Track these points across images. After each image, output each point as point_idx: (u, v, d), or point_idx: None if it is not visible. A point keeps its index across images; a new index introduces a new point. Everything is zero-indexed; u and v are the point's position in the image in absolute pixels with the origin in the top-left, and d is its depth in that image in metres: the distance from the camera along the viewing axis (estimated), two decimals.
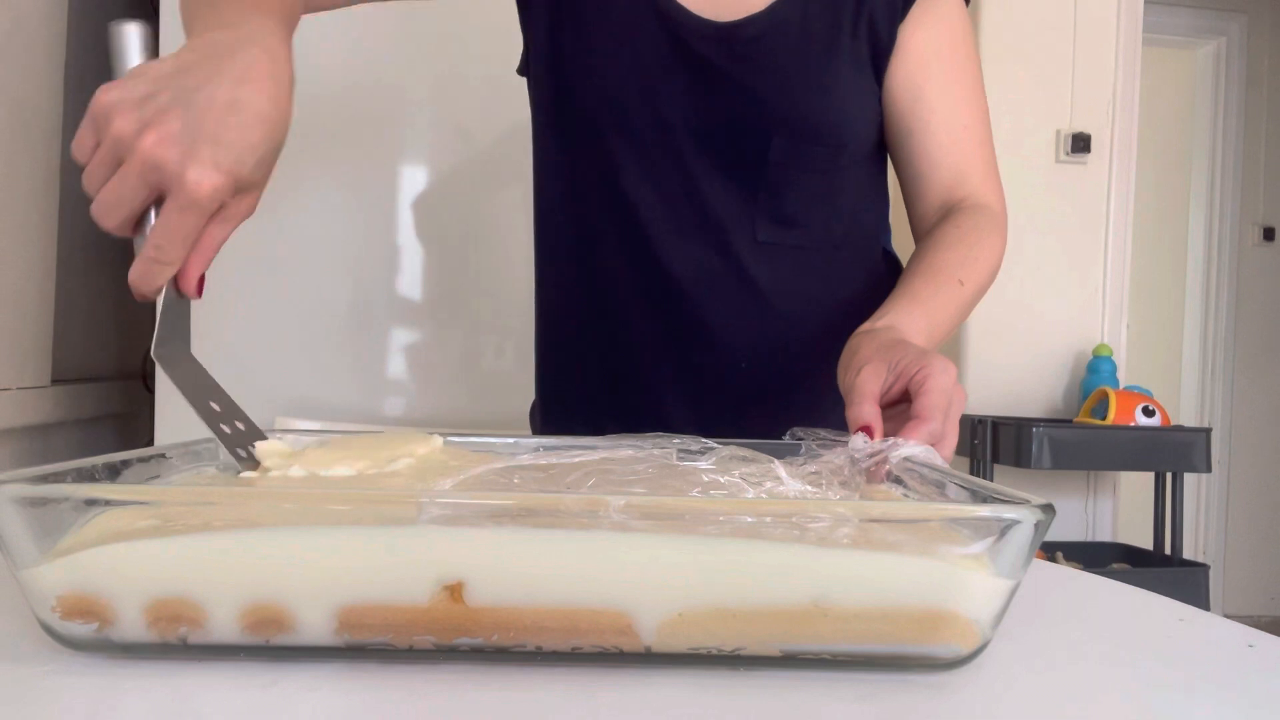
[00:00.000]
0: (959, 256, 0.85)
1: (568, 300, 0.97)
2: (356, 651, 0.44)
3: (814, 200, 0.91)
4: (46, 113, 1.35)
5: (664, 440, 0.61)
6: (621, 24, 0.89)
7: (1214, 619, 0.57)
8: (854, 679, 0.44)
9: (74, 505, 0.43)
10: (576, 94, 0.91)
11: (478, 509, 0.43)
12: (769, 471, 0.55)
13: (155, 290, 0.58)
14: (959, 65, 0.92)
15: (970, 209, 0.89)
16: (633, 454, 0.60)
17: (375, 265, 1.53)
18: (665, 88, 0.88)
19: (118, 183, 0.54)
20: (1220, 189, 3.92)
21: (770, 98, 0.87)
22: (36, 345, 1.35)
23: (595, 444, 0.65)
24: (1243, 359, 3.92)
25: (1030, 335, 2.67)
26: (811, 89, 0.88)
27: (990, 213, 0.90)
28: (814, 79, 0.88)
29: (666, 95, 0.88)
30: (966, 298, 0.84)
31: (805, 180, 0.90)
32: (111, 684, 0.41)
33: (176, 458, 0.59)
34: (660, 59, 0.88)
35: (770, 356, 0.92)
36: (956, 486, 0.53)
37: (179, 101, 0.55)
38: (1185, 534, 2.82)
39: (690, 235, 0.90)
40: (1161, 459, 2.53)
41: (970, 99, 0.92)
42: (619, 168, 0.90)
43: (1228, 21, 3.87)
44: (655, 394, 0.93)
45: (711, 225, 0.89)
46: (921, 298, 0.80)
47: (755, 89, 0.87)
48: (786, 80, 0.88)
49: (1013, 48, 2.62)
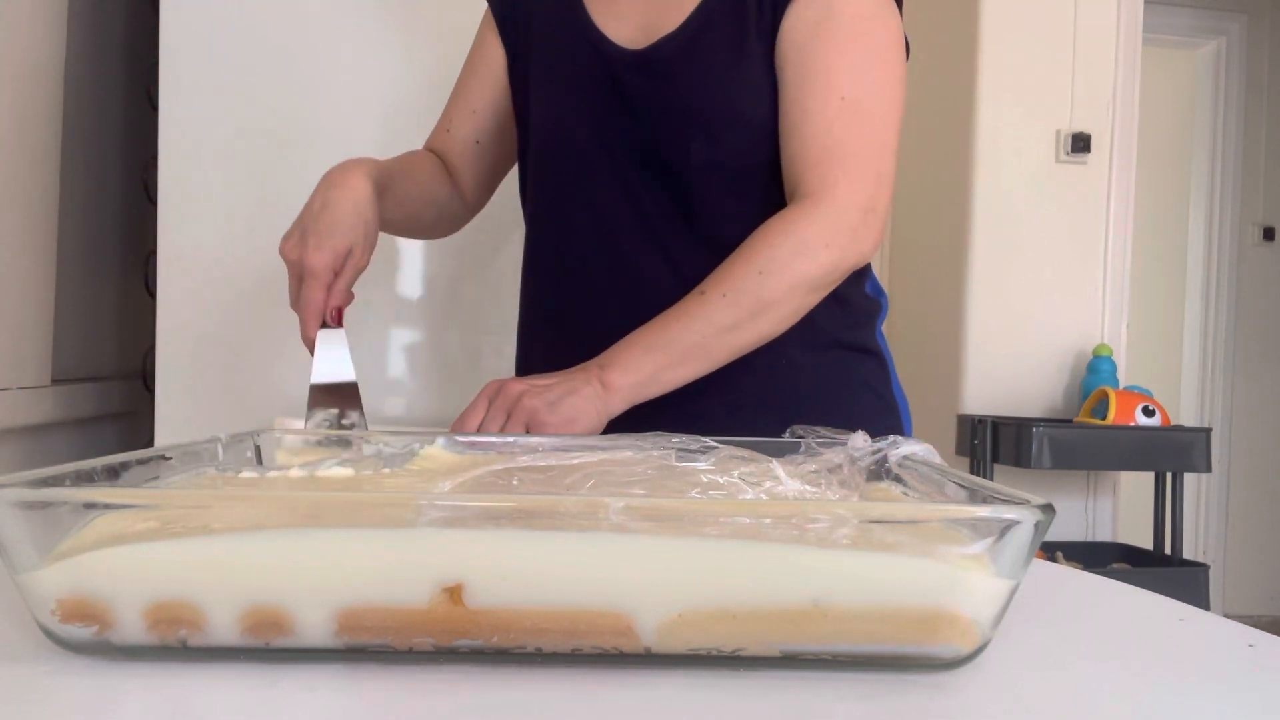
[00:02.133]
0: (724, 271, 0.87)
1: (541, 312, 1.05)
2: (356, 654, 0.44)
3: (742, 197, 0.95)
4: (46, 113, 1.35)
5: (663, 439, 0.61)
6: (565, 58, 1.00)
7: (1214, 619, 0.57)
8: (854, 679, 0.44)
9: (73, 508, 0.43)
10: (534, 120, 1.02)
11: (477, 511, 0.43)
12: (768, 471, 0.55)
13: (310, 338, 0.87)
14: (828, 41, 0.90)
15: (781, 213, 0.89)
16: (632, 455, 0.60)
17: (375, 265, 1.52)
18: (602, 112, 0.97)
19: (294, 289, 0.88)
20: (1220, 189, 3.91)
21: (683, 108, 0.94)
22: (36, 345, 1.35)
23: (595, 444, 0.65)
24: (1243, 359, 3.92)
25: (1030, 335, 2.67)
26: (719, 92, 0.93)
27: (799, 207, 0.88)
28: (722, 83, 0.93)
29: (603, 118, 0.97)
30: (711, 308, 0.85)
31: (731, 181, 0.94)
32: (111, 687, 0.41)
33: (176, 458, 0.59)
34: (596, 86, 0.97)
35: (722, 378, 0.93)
36: (956, 486, 0.53)
37: (298, 223, 0.89)
38: (1185, 534, 2.82)
39: (637, 244, 0.97)
40: (1161, 459, 2.53)
41: (832, 78, 0.89)
42: (571, 185, 0.99)
43: (1228, 21, 3.87)
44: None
45: (654, 233, 0.96)
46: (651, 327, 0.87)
47: (669, 103, 0.95)
48: (695, 89, 0.94)
49: (1013, 48, 2.62)
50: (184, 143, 1.45)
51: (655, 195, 0.96)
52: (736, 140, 0.94)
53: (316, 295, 0.85)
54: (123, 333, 1.70)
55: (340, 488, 0.57)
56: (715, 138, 0.93)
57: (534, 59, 1.03)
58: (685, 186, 0.95)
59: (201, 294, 1.46)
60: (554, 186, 1.02)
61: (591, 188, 0.98)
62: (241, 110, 1.46)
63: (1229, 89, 3.90)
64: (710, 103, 0.93)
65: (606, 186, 0.98)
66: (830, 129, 0.89)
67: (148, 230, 1.53)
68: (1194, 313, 3.99)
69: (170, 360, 1.45)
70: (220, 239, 1.47)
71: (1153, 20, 3.21)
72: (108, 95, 1.61)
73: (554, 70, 1.01)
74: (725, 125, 0.93)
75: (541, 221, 1.04)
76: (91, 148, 1.55)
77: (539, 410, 0.79)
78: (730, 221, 0.94)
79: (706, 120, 0.93)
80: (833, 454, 0.60)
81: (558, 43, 1.01)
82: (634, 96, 0.96)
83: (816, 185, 0.88)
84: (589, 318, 0.99)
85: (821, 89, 0.90)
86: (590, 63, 0.98)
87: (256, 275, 1.49)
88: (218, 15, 1.46)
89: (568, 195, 1.01)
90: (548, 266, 1.04)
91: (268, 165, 1.47)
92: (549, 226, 1.04)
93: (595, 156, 0.98)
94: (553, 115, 1.01)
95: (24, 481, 0.43)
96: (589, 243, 0.99)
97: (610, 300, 0.98)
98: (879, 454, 0.60)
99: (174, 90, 1.45)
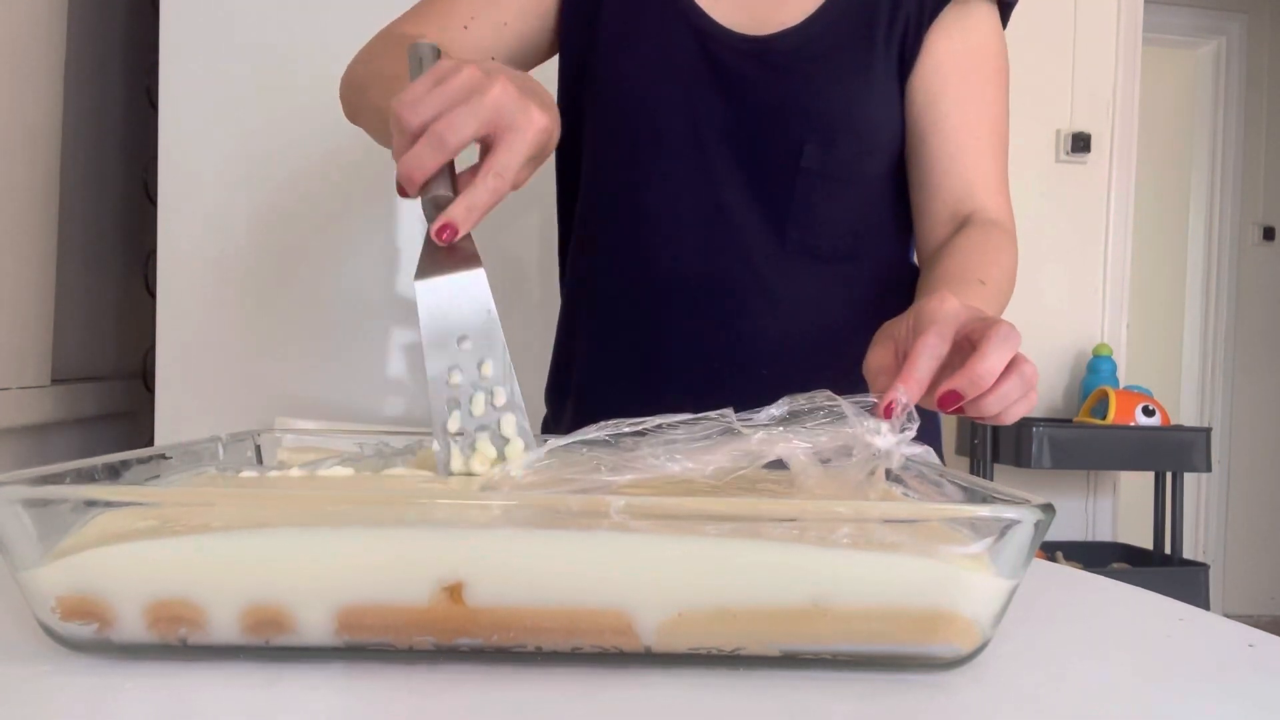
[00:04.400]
0: (978, 260, 0.84)
1: (602, 305, 0.97)
2: (356, 652, 0.44)
3: (842, 210, 0.92)
4: (46, 113, 1.35)
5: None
6: (656, 38, 0.91)
7: (1214, 619, 0.57)
8: (854, 679, 0.44)
9: (74, 506, 0.43)
10: (609, 105, 0.92)
11: (477, 510, 0.43)
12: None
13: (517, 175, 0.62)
14: (981, 76, 0.92)
15: (981, 224, 0.89)
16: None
17: (375, 265, 1.53)
18: (699, 100, 0.89)
19: (460, 114, 0.59)
20: (1220, 189, 3.91)
21: (803, 107, 0.89)
22: (36, 345, 1.35)
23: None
24: (1243, 359, 3.92)
25: (1030, 335, 2.64)
26: (843, 97, 0.89)
27: (1001, 228, 0.89)
28: (846, 89, 0.90)
29: (700, 108, 0.89)
30: (988, 299, 0.82)
31: (834, 189, 0.91)
32: (111, 685, 0.41)
33: (176, 458, 0.59)
34: (694, 72, 0.89)
35: (792, 364, 0.91)
36: (956, 486, 0.53)
37: (509, 75, 0.61)
38: (1185, 534, 2.82)
39: (715, 245, 0.90)
40: (1161, 458, 2.53)
41: (988, 111, 0.92)
42: (646, 179, 0.91)
43: (1228, 21, 3.87)
44: (678, 402, 0.90)
45: (735, 236, 0.90)
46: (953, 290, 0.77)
47: (788, 99, 0.89)
48: (819, 90, 0.89)
49: (1013, 48, 2.60)
50: (184, 143, 1.45)
51: (747, 197, 0.90)
52: (850, 148, 0.90)
53: (524, 153, 0.60)
54: (123, 332, 1.70)
55: (341, 487, 0.57)
56: (830, 142, 0.89)
57: (620, 35, 0.92)
58: (786, 189, 0.90)
59: (201, 294, 1.46)
60: (620, 180, 0.93)
61: (671, 184, 0.91)
62: (241, 110, 1.46)
63: (1229, 89, 3.90)
64: (833, 106, 0.89)
65: (690, 184, 0.90)
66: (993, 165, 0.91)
67: (148, 230, 1.53)
68: (1194, 312, 3.99)
69: (170, 360, 1.45)
70: (220, 239, 1.47)
71: (1153, 20, 3.21)
72: (108, 95, 1.61)
73: (644, 49, 0.91)
74: (843, 132, 0.89)
75: (592, 217, 0.96)
76: (91, 148, 1.55)
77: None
78: (820, 232, 0.91)
79: (826, 124, 0.89)
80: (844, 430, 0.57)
81: (652, 18, 0.91)
82: (745, 88, 0.89)
83: (996, 213, 0.89)
84: (645, 317, 0.92)
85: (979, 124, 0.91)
86: (686, 42, 0.90)
87: (256, 275, 1.49)
88: (218, 15, 1.46)
89: (632, 190, 0.92)
90: (598, 268, 0.96)
91: (268, 165, 1.47)
92: (600, 222, 0.95)
93: (681, 150, 0.90)
94: (634, 99, 0.91)
95: (25, 479, 0.43)
96: (648, 243, 0.92)
97: (665, 306, 0.91)
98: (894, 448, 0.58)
99: (174, 90, 1.45)
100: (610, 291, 0.95)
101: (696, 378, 0.92)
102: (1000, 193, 0.92)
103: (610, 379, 0.97)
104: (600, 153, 0.94)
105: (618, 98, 0.92)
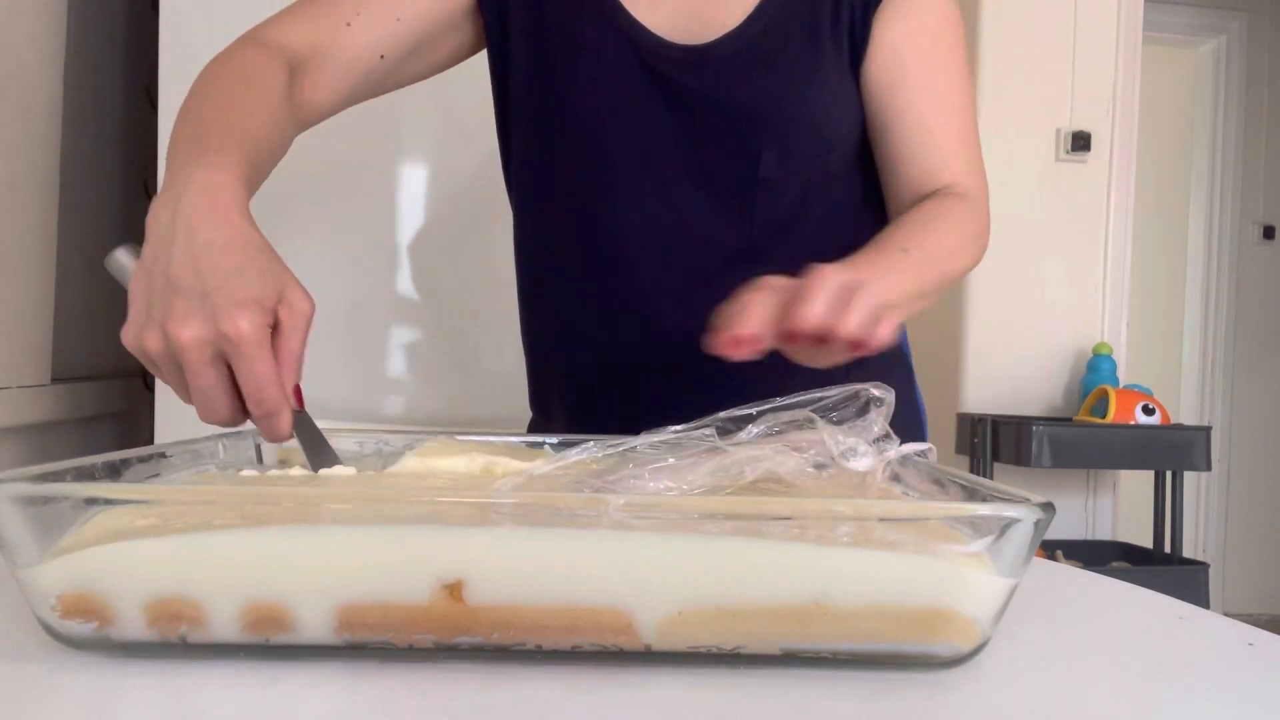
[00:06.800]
0: (908, 231, 0.81)
1: (554, 324, 0.95)
2: (356, 650, 0.44)
3: (806, 210, 0.89)
4: (46, 112, 1.35)
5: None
6: (595, 57, 0.87)
7: (1214, 617, 0.57)
8: (854, 678, 0.44)
9: (74, 504, 0.43)
10: (557, 130, 0.89)
11: (477, 508, 0.43)
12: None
13: (287, 433, 0.58)
14: (939, 57, 0.88)
15: (939, 196, 0.86)
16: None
17: (375, 265, 1.53)
18: (646, 118, 0.86)
19: (194, 384, 0.56)
20: (1220, 188, 3.91)
21: (753, 114, 0.85)
22: (36, 344, 1.35)
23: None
24: (1243, 358, 3.92)
25: (1030, 334, 2.67)
26: (794, 98, 0.86)
27: (960, 198, 0.86)
28: (795, 88, 0.86)
29: (648, 126, 0.86)
30: (909, 267, 0.78)
31: (797, 191, 0.88)
32: (111, 683, 0.41)
33: (177, 456, 0.59)
34: (636, 90, 0.86)
35: (760, 375, 0.89)
36: (956, 485, 0.53)
37: (168, 286, 0.56)
38: (1185, 532, 2.82)
39: (677, 258, 0.87)
40: (1161, 457, 2.53)
41: (951, 90, 0.89)
42: (603, 200, 0.88)
43: (1228, 20, 3.87)
44: (632, 414, 0.85)
45: (699, 247, 0.87)
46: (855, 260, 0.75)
47: (737, 109, 0.85)
48: (767, 94, 0.86)
49: (1013, 47, 2.61)
50: None
51: (707, 209, 0.87)
52: (809, 150, 0.87)
53: (261, 367, 0.55)
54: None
55: (341, 486, 0.57)
56: (786, 148, 0.86)
57: (559, 55, 0.88)
58: (746, 201, 0.87)
59: None
60: (578, 202, 0.90)
61: (628, 203, 0.87)
62: None
63: (1229, 87, 3.90)
64: (784, 108, 0.86)
65: (649, 202, 0.87)
66: (959, 145, 0.88)
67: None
68: (1194, 311, 3.99)
69: None
70: None
71: (1153, 18, 3.20)
72: (108, 95, 1.61)
73: (585, 69, 0.87)
74: (799, 134, 0.86)
75: (549, 238, 0.94)
76: (91, 148, 1.55)
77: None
78: (787, 239, 0.88)
79: (779, 128, 0.86)
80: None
81: (588, 38, 0.88)
82: (690, 101, 0.85)
83: (963, 186, 0.87)
84: (601, 333, 0.90)
85: (943, 106, 0.88)
86: (626, 58, 0.86)
87: None
88: (218, 15, 1.46)
89: (591, 210, 0.89)
90: (557, 289, 0.93)
91: None
92: (559, 242, 0.93)
93: (634, 169, 0.87)
94: (581, 122, 0.88)
95: (25, 477, 0.43)
96: (609, 260, 0.89)
97: (623, 321, 0.89)
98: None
99: (174, 90, 1.44)
100: (568, 302, 0.93)
101: (648, 384, 0.90)
102: (970, 171, 0.88)
103: (562, 382, 0.96)
104: (555, 176, 0.91)
105: (560, 127, 0.88)
